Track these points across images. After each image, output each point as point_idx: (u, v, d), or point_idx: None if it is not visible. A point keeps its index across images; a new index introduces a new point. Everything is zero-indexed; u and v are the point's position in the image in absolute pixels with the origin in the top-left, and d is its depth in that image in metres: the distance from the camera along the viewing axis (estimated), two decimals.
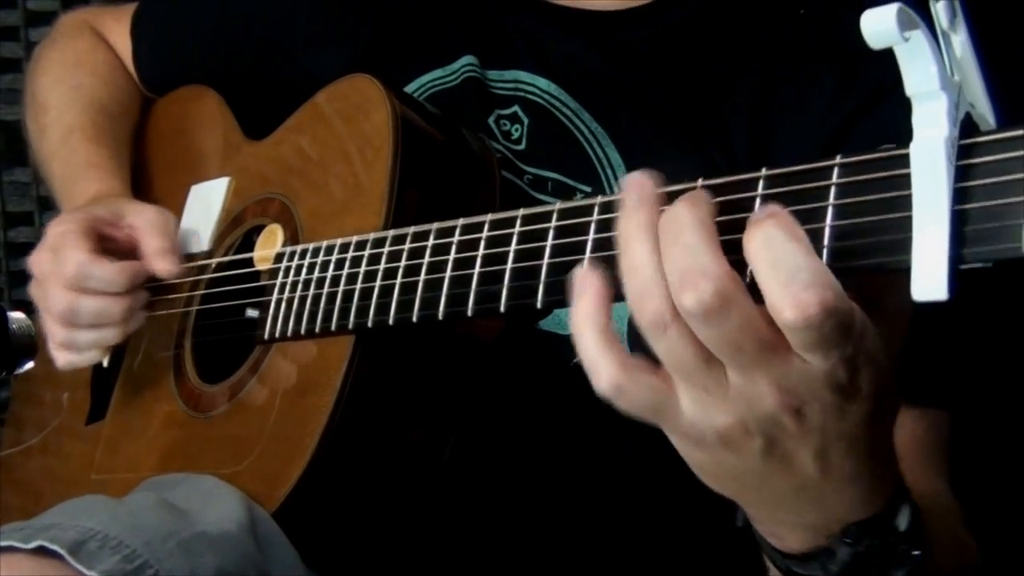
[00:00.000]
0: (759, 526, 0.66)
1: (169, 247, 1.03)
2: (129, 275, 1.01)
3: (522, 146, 1.00)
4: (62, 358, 1.05)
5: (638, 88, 0.97)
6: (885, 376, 0.57)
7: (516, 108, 1.01)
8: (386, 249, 0.84)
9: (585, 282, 0.58)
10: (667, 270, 0.54)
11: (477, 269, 0.75)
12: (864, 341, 0.54)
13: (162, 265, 1.02)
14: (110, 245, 1.04)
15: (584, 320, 0.57)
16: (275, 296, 0.94)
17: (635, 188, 0.58)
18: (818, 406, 0.56)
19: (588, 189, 0.95)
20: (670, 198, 0.62)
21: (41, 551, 0.73)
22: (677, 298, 0.53)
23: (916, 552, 0.64)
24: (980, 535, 0.80)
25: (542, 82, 1.00)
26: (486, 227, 0.76)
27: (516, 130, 1.00)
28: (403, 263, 0.82)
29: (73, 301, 1.00)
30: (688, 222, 0.54)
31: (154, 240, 1.03)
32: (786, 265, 0.52)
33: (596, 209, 0.67)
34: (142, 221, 1.04)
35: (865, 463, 0.60)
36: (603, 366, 0.57)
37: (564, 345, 0.93)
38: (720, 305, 0.52)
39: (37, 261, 1.03)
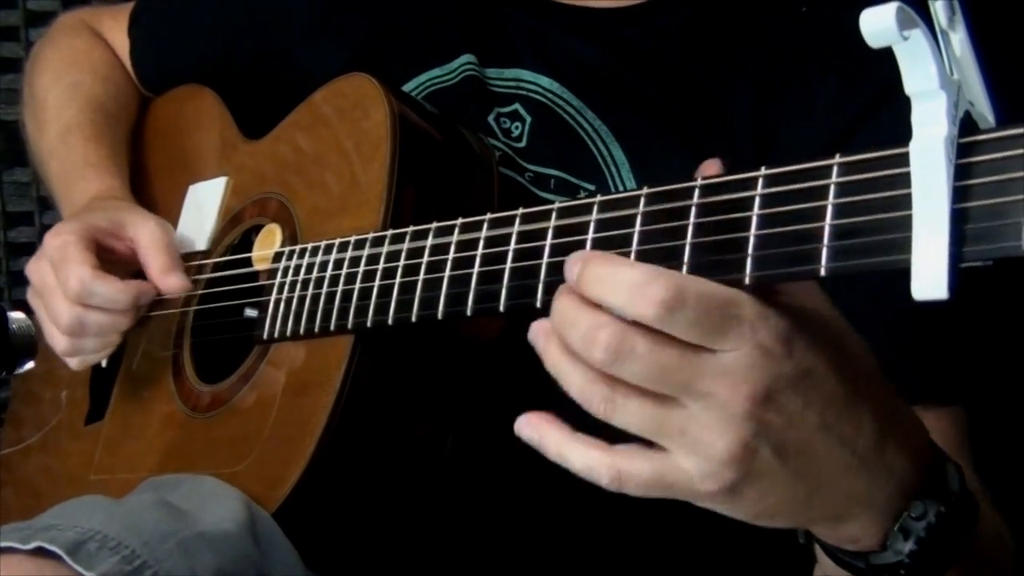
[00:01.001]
0: (829, 538, 0.66)
1: (174, 264, 1.03)
2: (133, 294, 1.01)
3: (523, 144, 0.99)
4: (73, 363, 1.06)
5: (640, 85, 0.97)
6: (830, 330, 0.58)
7: (517, 106, 1.00)
8: (385, 249, 0.84)
9: (536, 425, 0.62)
10: (572, 347, 0.58)
11: (476, 268, 0.75)
12: (764, 306, 0.56)
13: (172, 282, 1.02)
14: (110, 256, 1.04)
15: (559, 448, 0.61)
16: (274, 296, 0.94)
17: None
18: (780, 384, 0.56)
19: (591, 187, 0.95)
20: (671, 196, 0.62)
21: (40, 552, 0.73)
22: (591, 360, 0.57)
23: (973, 509, 0.66)
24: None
25: (544, 80, 1.00)
26: (485, 226, 0.76)
27: (517, 128, 1.00)
28: (402, 263, 0.82)
29: (80, 315, 1.00)
30: (564, 311, 0.59)
31: (158, 258, 1.03)
32: (616, 278, 0.56)
33: (596, 208, 0.67)
34: (144, 237, 1.04)
35: (881, 424, 0.60)
36: (596, 465, 0.59)
37: None
38: (621, 340, 0.56)
39: (37, 272, 1.03)
